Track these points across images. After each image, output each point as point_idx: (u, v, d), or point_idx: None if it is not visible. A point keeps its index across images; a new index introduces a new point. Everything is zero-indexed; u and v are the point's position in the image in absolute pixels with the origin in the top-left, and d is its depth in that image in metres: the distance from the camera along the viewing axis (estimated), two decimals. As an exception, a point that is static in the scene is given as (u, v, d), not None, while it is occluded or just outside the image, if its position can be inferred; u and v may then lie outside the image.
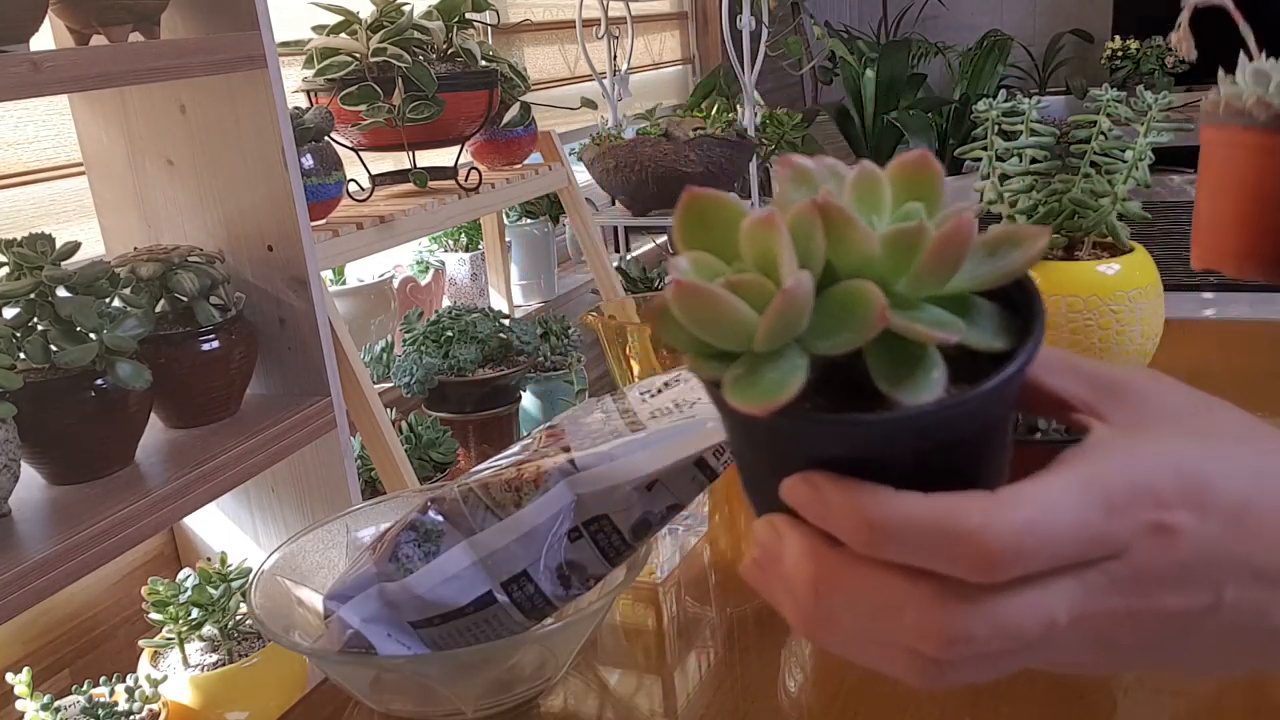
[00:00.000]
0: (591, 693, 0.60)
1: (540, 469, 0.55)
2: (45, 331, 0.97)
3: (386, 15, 1.55)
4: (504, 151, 1.85)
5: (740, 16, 2.34)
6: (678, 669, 0.61)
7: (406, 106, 1.51)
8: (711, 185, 0.73)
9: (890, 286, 0.29)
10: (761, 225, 0.29)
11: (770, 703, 0.56)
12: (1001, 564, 0.27)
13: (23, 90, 0.92)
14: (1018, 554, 0.27)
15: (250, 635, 1.22)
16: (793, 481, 0.30)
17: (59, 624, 1.29)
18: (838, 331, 0.29)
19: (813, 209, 0.29)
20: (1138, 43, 3.36)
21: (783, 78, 3.49)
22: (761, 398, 0.28)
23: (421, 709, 0.57)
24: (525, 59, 2.42)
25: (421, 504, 0.58)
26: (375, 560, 0.57)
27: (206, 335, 1.14)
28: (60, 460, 1.02)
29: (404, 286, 1.94)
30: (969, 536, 0.27)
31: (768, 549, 0.31)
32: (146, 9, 1.11)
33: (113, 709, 1.10)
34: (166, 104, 1.21)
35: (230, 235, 1.24)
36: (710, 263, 0.31)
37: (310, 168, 1.33)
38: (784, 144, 2.81)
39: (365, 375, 1.34)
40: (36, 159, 1.32)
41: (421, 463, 1.60)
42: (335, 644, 0.56)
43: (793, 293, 0.27)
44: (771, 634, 0.63)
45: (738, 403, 0.28)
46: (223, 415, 1.20)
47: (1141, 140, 0.99)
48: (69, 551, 0.93)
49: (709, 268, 0.31)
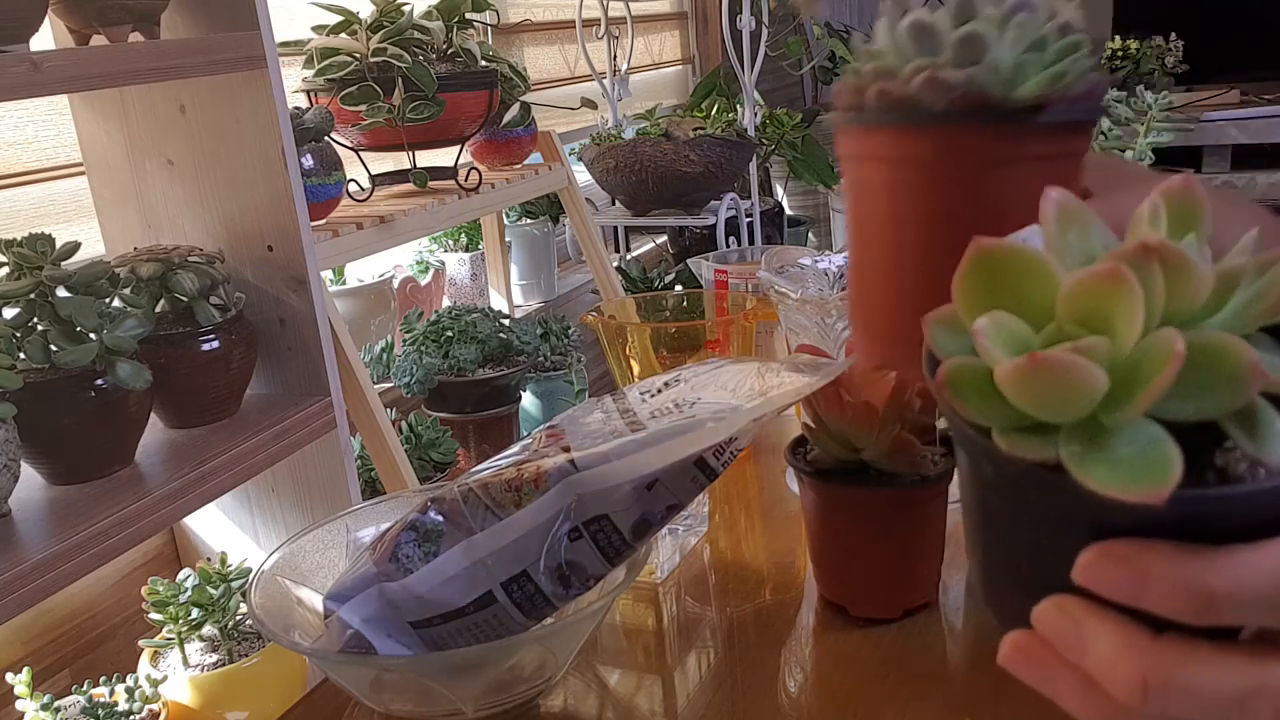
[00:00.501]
0: (591, 693, 0.60)
1: (540, 469, 0.55)
2: (45, 331, 0.97)
3: (386, 15, 1.56)
4: (504, 151, 1.85)
5: (740, 16, 2.34)
6: (678, 669, 0.61)
7: (406, 106, 1.51)
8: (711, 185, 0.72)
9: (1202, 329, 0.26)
10: (1105, 280, 0.25)
11: (770, 703, 0.56)
12: None
13: (23, 90, 0.92)
14: None
15: (250, 635, 1.22)
16: (1093, 558, 0.26)
17: (59, 624, 1.29)
18: (1202, 394, 0.25)
19: (1148, 254, 0.25)
20: (1138, 43, 3.36)
21: (783, 78, 3.49)
22: (1145, 481, 0.24)
23: (421, 709, 0.57)
24: (525, 59, 2.42)
25: (421, 504, 0.58)
26: (375, 560, 0.57)
27: (206, 335, 1.14)
28: (60, 460, 1.02)
29: (404, 286, 1.94)
30: None
31: (1062, 638, 0.27)
32: (146, 9, 1.11)
33: (113, 709, 1.10)
34: (166, 104, 1.21)
35: (230, 235, 1.24)
36: (1014, 326, 0.27)
37: (310, 168, 1.33)
38: (784, 144, 2.82)
39: (365, 375, 1.34)
40: (36, 159, 1.32)
41: (421, 463, 1.61)
42: (335, 644, 0.56)
43: (1181, 355, 0.24)
44: (771, 634, 0.63)
45: (1114, 489, 0.24)
46: (223, 415, 1.20)
47: (1141, 140, 0.99)
48: (69, 551, 0.93)
49: (1014, 331, 0.27)
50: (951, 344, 0.29)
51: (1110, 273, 0.25)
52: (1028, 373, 0.25)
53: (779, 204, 2.84)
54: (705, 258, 1.13)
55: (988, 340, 0.26)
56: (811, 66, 3.55)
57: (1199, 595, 0.24)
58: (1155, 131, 1.19)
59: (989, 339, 0.26)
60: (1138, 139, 1.20)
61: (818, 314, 0.76)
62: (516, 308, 2.21)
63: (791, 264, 0.97)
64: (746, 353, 0.99)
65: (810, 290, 0.84)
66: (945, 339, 0.29)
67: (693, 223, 2.17)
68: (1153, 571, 0.25)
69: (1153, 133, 1.19)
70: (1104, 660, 0.26)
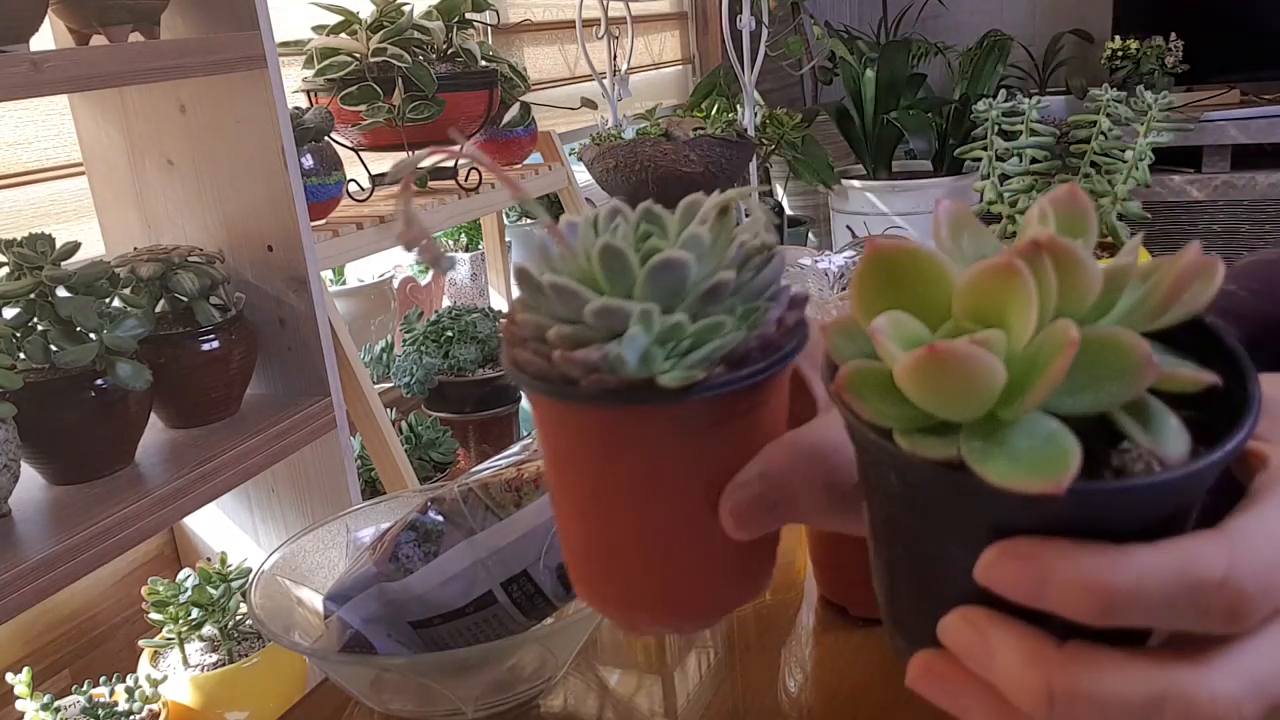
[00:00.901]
0: (591, 693, 0.60)
1: (540, 469, 0.55)
2: (45, 331, 0.97)
3: (386, 15, 1.56)
4: (504, 151, 1.85)
5: (740, 16, 2.34)
6: (678, 669, 0.61)
7: (406, 106, 1.51)
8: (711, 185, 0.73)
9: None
10: (999, 274, 0.25)
11: (770, 703, 0.56)
12: (1254, 607, 0.24)
13: (23, 90, 0.92)
14: (1267, 593, 0.25)
15: (250, 635, 1.22)
16: (994, 556, 0.25)
17: (59, 624, 1.29)
18: (1095, 387, 0.25)
19: (1039, 250, 0.25)
20: (1138, 43, 3.36)
21: (783, 78, 3.49)
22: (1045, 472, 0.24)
23: (421, 709, 0.57)
24: (525, 59, 2.42)
25: (421, 504, 0.58)
26: (375, 560, 0.57)
27: (206, 335, 1.14)
28: (60, 460, 1.02)
29: (404, 286, 1.94)
30: (1217, 585, 0.24)
31: (968, 650, 0.27)
32: (146, 9, 1.11)
33: (113, 709, 1.10)
34: (166, 104, 1.21)
35: (230, 235, 1.24)
36: (912, 326, 0.27)
37: (310, 168, 1.33)
38: (784, 144, 2.82)
39: (365, 375, 1.34)
40: (36, 159, 1.32)
41: (421, 463, 1.61)
42: (335, 644, 0.56)
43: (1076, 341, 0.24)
44: (771, 634, 0.63)
45: (1014, 481, 0.24)
46: (223, 415, 1.20)
47: (1141, 140, 0.99)
48: (69, 551, 0.93)
49: (912, 332, 0.27)
50: (849, 349, 0.29)
51: (1003, 266, 0.25)
52: (927, 364, 0.24)
53: (779, 204, 2.84)
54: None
55: (886, 338, 0.26)
56: (811, 66, 3.55)
57: (1099, 593, 0.24)
58: (1155, 131, 1.19)
59: (887, 337, 0.26)
60: (1138, 139, 1.20)
61: (818, 314, 0.76)
62: (516, 308, 2.21)
63: (791, 264, 0.97)
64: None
65: (810, 290, 0.84)
66: (842, 344, 0.29)
67: (693, 223, 2.16)
68: (1053, 569, 0.25)
69: (1153, 133, 1.19)
70: (1009, 671, 0.26)
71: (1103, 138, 1.28)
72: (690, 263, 0.30)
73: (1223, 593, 0.24)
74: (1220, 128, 3.16)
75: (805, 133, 2.89)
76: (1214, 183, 3.21)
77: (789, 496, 0.32)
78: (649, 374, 0.29)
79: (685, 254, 0.30)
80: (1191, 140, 3.13)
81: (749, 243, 0.32)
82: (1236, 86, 3.34)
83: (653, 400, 0.30)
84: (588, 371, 0.30)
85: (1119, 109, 1.29)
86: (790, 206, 3.42)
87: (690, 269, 0.30)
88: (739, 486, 0.32)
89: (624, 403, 0.30)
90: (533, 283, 0.31)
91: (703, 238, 0.31)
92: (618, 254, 0.31)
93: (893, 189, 3.14)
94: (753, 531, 0.32)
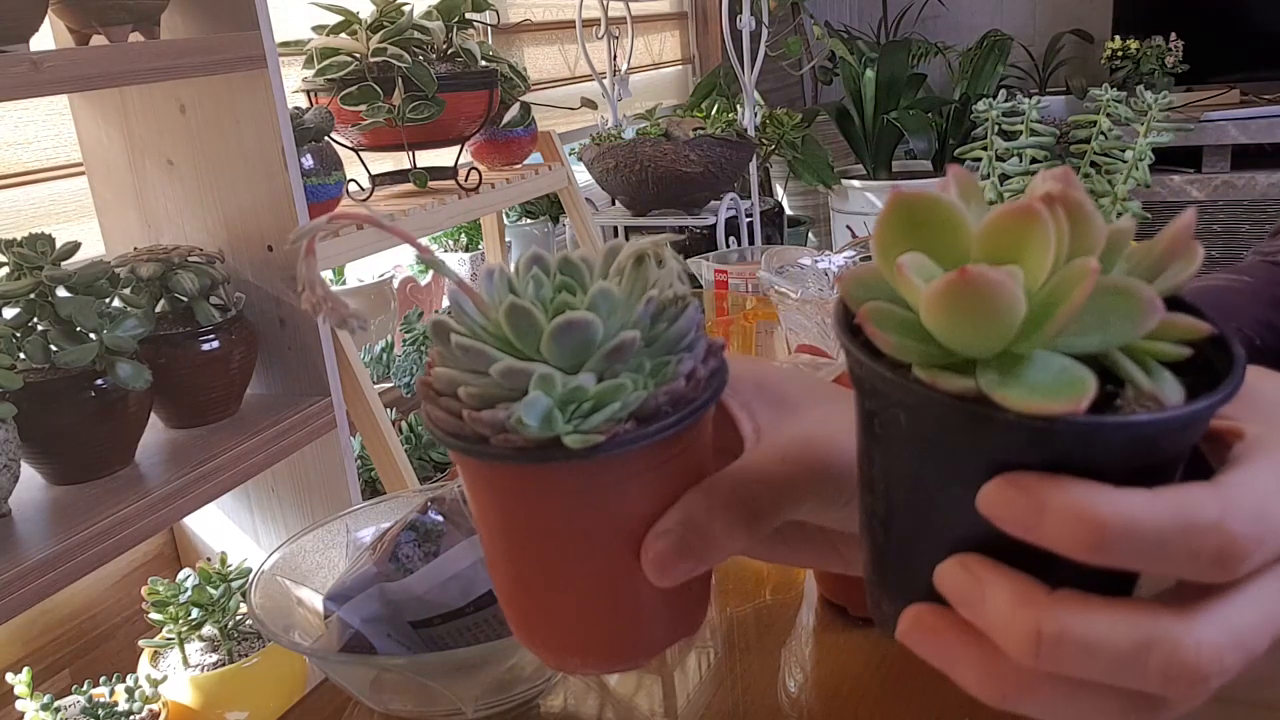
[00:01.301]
0: (591, 693, 0.60)
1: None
2: (45, 331, 0.97)
3: (386, 15, 1.56)
4: (504, 151, 1.85)
5: (740, 16, 2.34)
6: (678, 669, 0.61)
7: (406, 106, 1.51)
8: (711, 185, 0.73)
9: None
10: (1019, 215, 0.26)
11: (770, 703, 0.56)
12: (1245, 555, 0.25)
13: (23, 90, 0.92)
14: (1260, 542, 0.25)
15: (250, 635, 1.22)
16: (996, 485, 0.26)
17: (59, 624, 1.29)
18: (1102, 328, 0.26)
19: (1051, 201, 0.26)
20: (1138, 43, 3.36)
21: (783, 78, 3.49)
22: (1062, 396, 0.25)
23: (421, 709, 0.57)
24: (525, 59, 2.42)
25: (421, 504, 0.58)
26: (375, 560, 0.57)
27: (206, 335, 1.14)
28: (60, 460, 1.02)
29: (404, 286, 1.94)
30: (1211, 528, 0.25)
31: (962, 594, 0.27)
32: (146, 9, 1.11)
33: (113, 709, 1.10)
34: (166, 104, 1.21)
35: (230, 235, 1.24)
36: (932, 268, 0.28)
37: (310, 168, 1.33)
38: (784, 144, 2.82)
39: (365, 375, 1.34)
40: (36, 159, 1.32)
41: (421, 463, 1.61)
42: (335, 644, 0.56)
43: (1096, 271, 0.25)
44: (771, 634, 0.63)
45: (1032, 404, 0.25)
46: (223, 415, 1.20)
47: (1141, 140, 0.99)
48: (69, 551, 0.93)
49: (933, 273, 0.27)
50: (865, 296, 0.29)
51: (1025, 209, 0.26)
52: (958, 287, 0.25)
53: (779, 204, 2.84)
54: (705, 258, 1.13)
55: (911, 273, 0.27)
56: (811, 66, 3.55)
57: (1092, 526, 0.25)
58: (1155, 131, 1.19)
59: (913, 272, 0.27)
60: (1137, 139, 1.20)
61: (818, 314, 0.76)
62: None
63: (791, 264, 0.97)
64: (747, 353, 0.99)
65: (810, 290, 0.84)
66: (859, 292, 0.30)
67: (693, 223, 2.17)
68: (1050, 500, 0.25)
69: (1153, 133, 1.19)
70: (1000, 614, 0.26)
71: (1103, 138, 1.28)
72: (595, 323, 0.31)
73: (1215, 536, 0.25)
74: (1220, 128, 3.16)
75: (805, 133, 2.89)
76: (1214, 183, 3.21)
77: (709, 541, 0.32)
78: (553, 434, 0.30)
79: (589, 315, 0.31)
80: (1191, 140, 3.13)
81: (661, 295, 0.32)
82: (1236, 86, 3.34)
83: (560, 458, 0.30)
84: (496, 431, 0.30)
85: (1119, 109, 1.29)
86: (790, 206, 3.42)
87: (596, 330, 0.31)
88: (658, 536, 0.32)
89: (532, 461, 0.30)
90: (445, 339, 0.32)
91: (613, 294, 0.32)
92: (525, 313, 0.31)
93: (893, 189, 3.14)
94: (675, 579, 0.32)
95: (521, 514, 0.33)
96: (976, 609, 0.27)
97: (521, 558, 0.34)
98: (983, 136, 1.10)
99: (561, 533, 0.33)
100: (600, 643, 0.35)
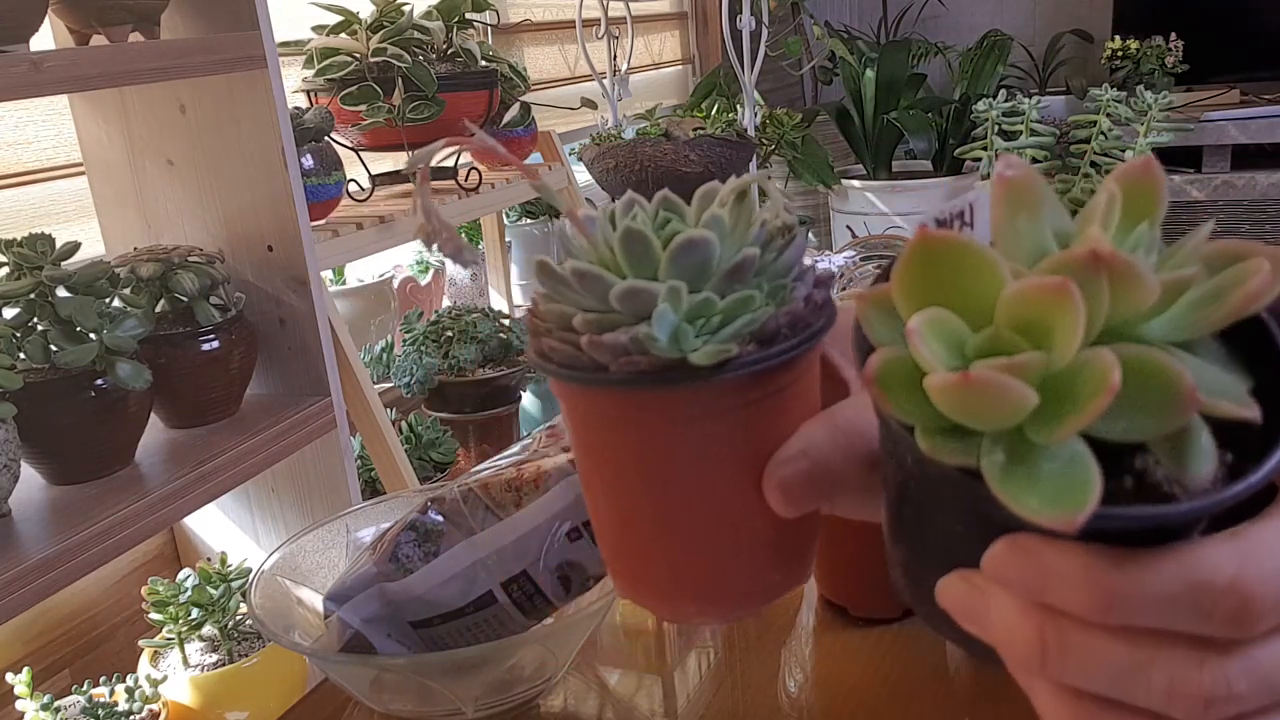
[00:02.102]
0: (591, 693, 0.60)
1: (540, 469, 0.55)
2: (45, 331, 0.97)
3: (386, 15, 1.56)
4: (504, 152, 1.85)
5: (740, 16, 2.34)
6: (678, 669, 0.61)
7: (406, 106, 1.51)
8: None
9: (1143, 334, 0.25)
10: (1048, 292, 0.24)
11: (770, 703, 0.56)
12: (1262, 615, 0.24)
13: (23, 90, 0.92)
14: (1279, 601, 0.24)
15: (250, 635, 1.22)
16: (999, 550, 0.26)
17: (59, 624, 1.29)
18: (1133, 415, 0.24)
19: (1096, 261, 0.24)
20: (1138, 43, 3.36)
21: (783, 78, 3.49)
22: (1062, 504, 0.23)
23: (421, 709, 0.57)
24: (525, 59, 2.42)
25: (421, 504, 0.58)
26: (375, 560, 0.57)
27: (206, 335, 1.14)
28: (60, 460, 1.02)
29: (404, 286, 1.94)
30: (1226, 590, 0.24)
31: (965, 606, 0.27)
32: (146, 9, 1.11)
33: (113, 709, 1.09)
34: (166, 104, 1.21)
35: (230, 235, 1.24)
36: (951, 324, 0.26)
37: (310, 168, 1.33)
38: (784, 144, 2.82)
39: (365, 375, 1.34)
40: (36, 159, 1.32)
41: (421, 463, 1.61)
42: (335, 644, 0.56)
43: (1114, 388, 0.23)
44: (771, 634, 0.63)
45: (1029, 511, 0.23)
46: (223, 415, 1.20)
47: (1141, 140, 0.99)
48: (69, 551, 0.93)
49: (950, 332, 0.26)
50: (884, 329, 0.28)
51: (1054, 287, 0.24)
52: (959, 389, 0.24)
53: (779, 204, 2.83)
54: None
55: (922, 343, 0.25)
56: (811, 66, 3.55)
57: (1101, 592, 0.24)
58: (1155, 131, 1.19)
59: (923, 342, 0.25)
60: (1137, 139, 1.20)
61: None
62: (516, 308, 2.21)
63: (791, 264, 0.97)
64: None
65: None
66: (878, 320, 0.28)
67: (693, 223, 2.16)
68: (1058, 567, 0.25)
69: (1153, 133, 1.19)
70: (1005, 622, 0.26)
71: (1103, 138, 1.28)
72: (714, 241, 0.30)
73: (1229, 596, 0.24)
74: (1220, 128, 3.16)
75: (805, 133, 2.89)
76: (1214, 183, 3.21)
77: (833, 472, 0.31)
78: (680, 353, 0.29)
79: (708, 234, 0.30)
80: (1191, 140, 3.13)
81: (770, 223, 0.32)
82: (1236, 86, 3.34)
83: (685, 380, 0.29)
84: (617, 355, 0.29)
85: (1119, 109, 1.29)
86: (790, 207, 3.42)
87: (714, 247, 0.30)
88: (783, 462, 0.31)
89: (656, 384, 0.29)
90: (554, 273, 0.31)
91: (723, 219, 0.31)
92: (640, 237, 0.30)
93: (893, 189, 3.14)
94: (800, 508, 0.31)
95: (636, 448, 0.32)
96: (980, 620, 0.27)
97: (633, 498, 0.33)
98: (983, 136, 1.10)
99: (678, 465, 0.32)
100: (716, 587, 0.34)
